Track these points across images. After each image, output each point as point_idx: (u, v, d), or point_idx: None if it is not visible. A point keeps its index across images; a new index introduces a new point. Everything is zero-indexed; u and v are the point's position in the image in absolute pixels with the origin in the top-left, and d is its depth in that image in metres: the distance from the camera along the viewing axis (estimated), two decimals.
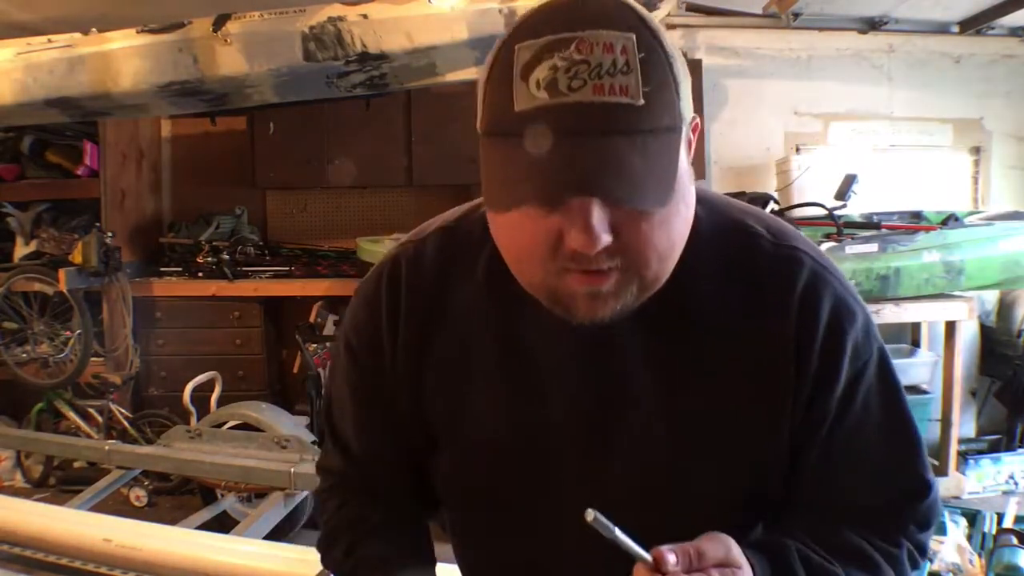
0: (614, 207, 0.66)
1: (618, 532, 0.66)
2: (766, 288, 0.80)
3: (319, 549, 0.96)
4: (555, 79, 0.64)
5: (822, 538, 0.82)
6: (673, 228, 0.71)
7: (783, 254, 0.82)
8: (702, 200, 0.84)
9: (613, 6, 0.68)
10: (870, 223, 3.40)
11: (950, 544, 2.27)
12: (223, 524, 2.95)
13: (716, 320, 0.80)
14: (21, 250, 4.12)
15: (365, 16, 2.64)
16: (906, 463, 0.85)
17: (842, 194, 3.41)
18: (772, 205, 3.62)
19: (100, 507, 2.81)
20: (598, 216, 0.66)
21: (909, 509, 0.85)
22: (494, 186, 0.69)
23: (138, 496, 3.49)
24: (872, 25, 3.99)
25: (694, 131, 0.75)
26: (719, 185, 4.09)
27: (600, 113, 0.64)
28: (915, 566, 0.86)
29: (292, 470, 2.66)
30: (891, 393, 0.84)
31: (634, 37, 0.65)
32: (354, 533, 0.91)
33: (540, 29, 0.67)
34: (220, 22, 2.73)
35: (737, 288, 0.81)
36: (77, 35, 2.89)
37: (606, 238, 0.66)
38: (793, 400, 0.80)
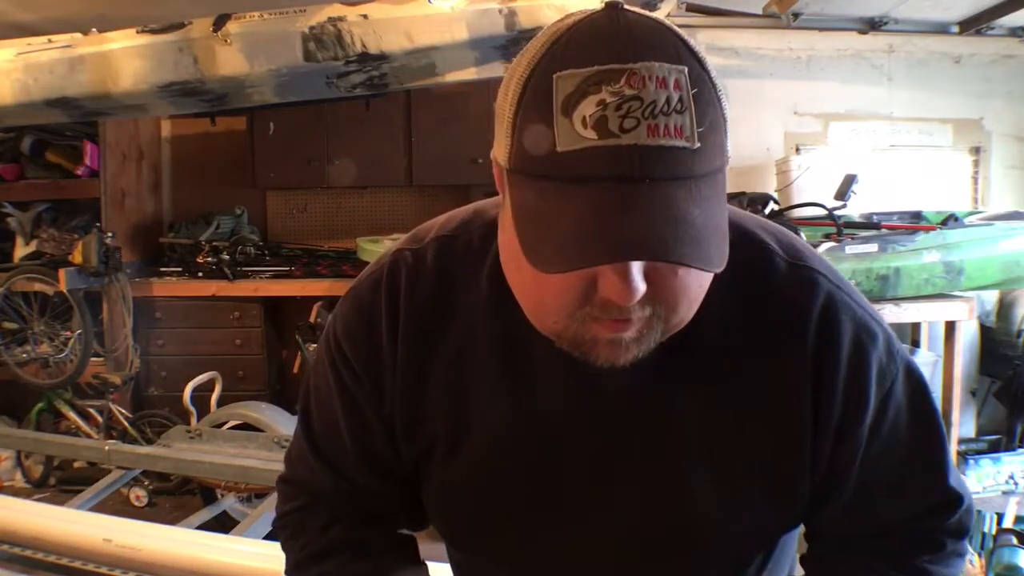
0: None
1: None
2: (780, 311, 0.77)
3: (295, 568, 0.90)
4: (604, 117, 0.58)
5: None
6: (705, 277, 0.67)
7: (798, 275, 0.78)
8: None
9: (661, 34, 0.62)
10: (870, 223, 3.39)
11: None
12: (223, 524, 2.96)
13: (726, 340, 0.77)
14: (21, 250, 4.12)
15: (365, 16, 2.64)
16: (934, 479, 0.82)
17: (842, 194, 3.40)
18: (772, 205, 3.61)
19: (100, 507, 2.81)
20: (638, 266, 0.62)
21: (943, 525, 0.83)
22: (535, 240, 0.62)
23: (138, 496, 3.49)
24: (872, 25, 3.99)
25: None
26: None
27: (656, 158, 0.58)
28: (957, 569, 0.85)
29: None
30: (920, 409, 0.81)
31: (686, 71, 0.60)
32: (352, 552, 0.87)
33: (582, 57, 0.60)
34: (220, 22, 2.73)
35: (749, 308, 0.77)
36: (77, 35, 2.89)
37: (643, 287, 0.62)
38: (815, 430, 0.77)
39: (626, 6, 0.64)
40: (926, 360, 3.60)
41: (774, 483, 0.79)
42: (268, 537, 2.46)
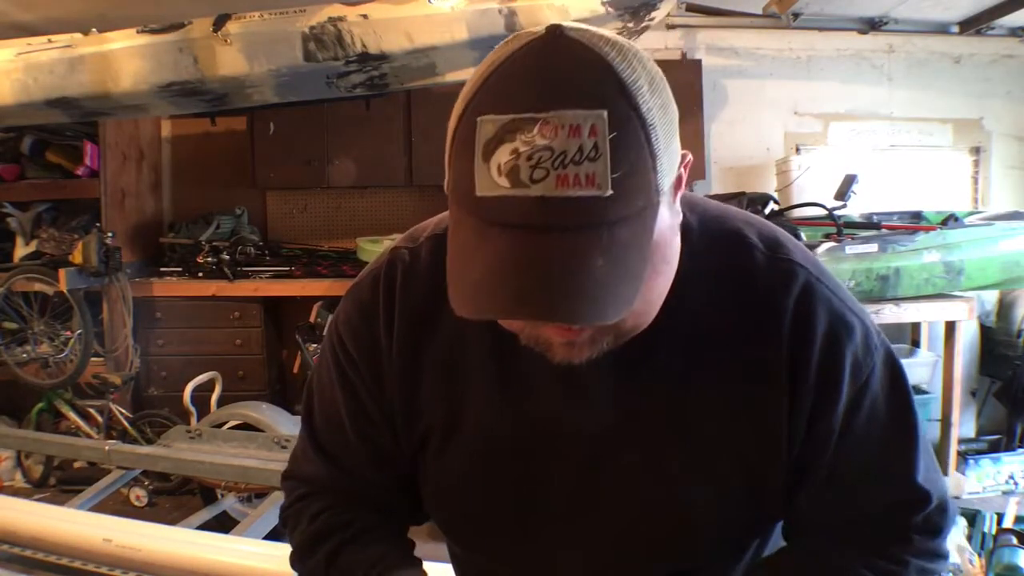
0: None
1: None
2: (758, 303, 0.78)
3: (294, 557, 0.92)
4: (516, 166, 0.60)
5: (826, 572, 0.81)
6: (653, 290, 0.69)
7: (776, 267, 0.79)
8: (695, 208, 0.81)
9: (585, 72, 0.62)
10: (870, 223, 3.40)
11: (950, 544, 2.27)
12: (223, 524, 2.96)
13: (706, 336, 0.78)
14: (21, 250, 4.12)
15: (365, 16, 2.65)
16: (901, 475, 0.82)
17: (842, 194, 3.41)
18: (772, 205, 3.62)
19: (100, 507, 2.81)
20: None
21: (909, 522, 0.82)
22: (455, 276, 0.66)
23: (138, 496, 3.49)
24: (872, 25, 3.99)
25: (686, 167, 0.71)
26: (719, 185, 4.09)
27: (563, 208, 0.60)
28: (932, 573, 0.84)
29: None
30: (897, 402, 0.81)
31: (605, 114, 0.60)
32: (340, 537, 0.88)
33: (504, 101, 0.62)
34: (220, 22, 2.73)
35: (728, 302, 0.78)
36: (77, 35, 2.89)
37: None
38: (790, 418, 0.78)
39: (567, 31, 0.63)
40: (926, 360, 3.61)
41: (768, 482, 0.80)
42: (268, 537, 2.47)
